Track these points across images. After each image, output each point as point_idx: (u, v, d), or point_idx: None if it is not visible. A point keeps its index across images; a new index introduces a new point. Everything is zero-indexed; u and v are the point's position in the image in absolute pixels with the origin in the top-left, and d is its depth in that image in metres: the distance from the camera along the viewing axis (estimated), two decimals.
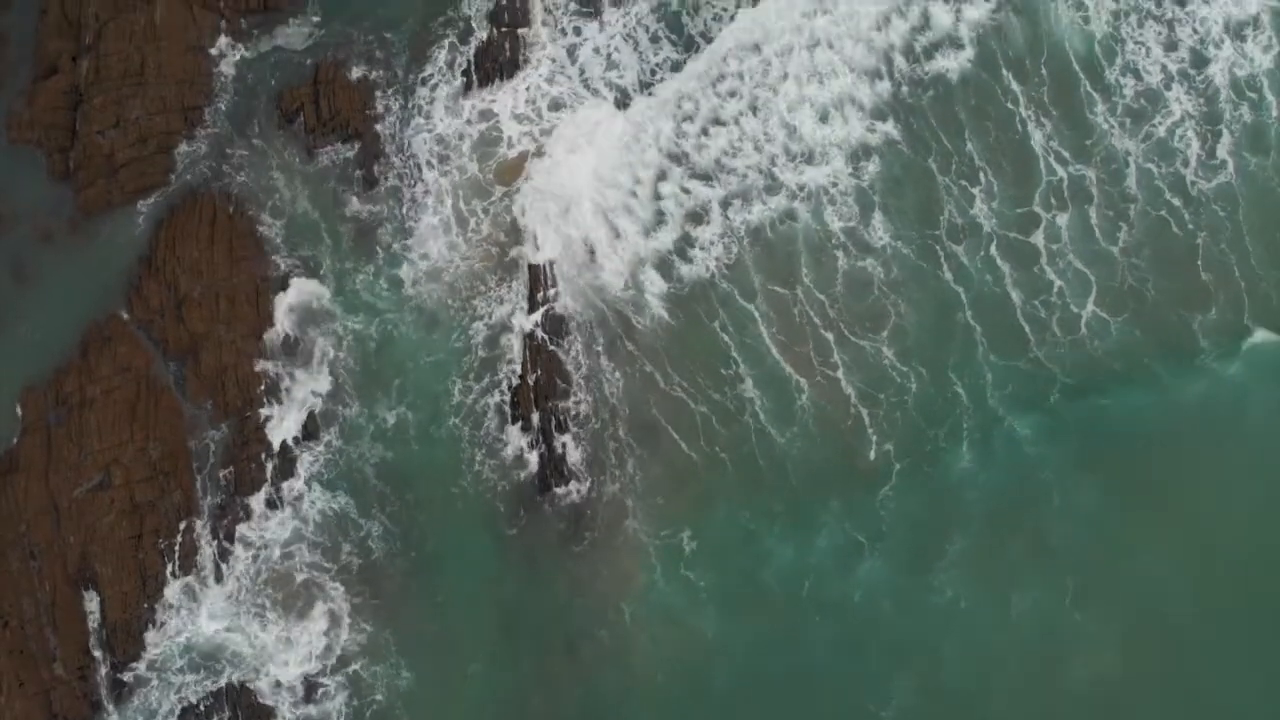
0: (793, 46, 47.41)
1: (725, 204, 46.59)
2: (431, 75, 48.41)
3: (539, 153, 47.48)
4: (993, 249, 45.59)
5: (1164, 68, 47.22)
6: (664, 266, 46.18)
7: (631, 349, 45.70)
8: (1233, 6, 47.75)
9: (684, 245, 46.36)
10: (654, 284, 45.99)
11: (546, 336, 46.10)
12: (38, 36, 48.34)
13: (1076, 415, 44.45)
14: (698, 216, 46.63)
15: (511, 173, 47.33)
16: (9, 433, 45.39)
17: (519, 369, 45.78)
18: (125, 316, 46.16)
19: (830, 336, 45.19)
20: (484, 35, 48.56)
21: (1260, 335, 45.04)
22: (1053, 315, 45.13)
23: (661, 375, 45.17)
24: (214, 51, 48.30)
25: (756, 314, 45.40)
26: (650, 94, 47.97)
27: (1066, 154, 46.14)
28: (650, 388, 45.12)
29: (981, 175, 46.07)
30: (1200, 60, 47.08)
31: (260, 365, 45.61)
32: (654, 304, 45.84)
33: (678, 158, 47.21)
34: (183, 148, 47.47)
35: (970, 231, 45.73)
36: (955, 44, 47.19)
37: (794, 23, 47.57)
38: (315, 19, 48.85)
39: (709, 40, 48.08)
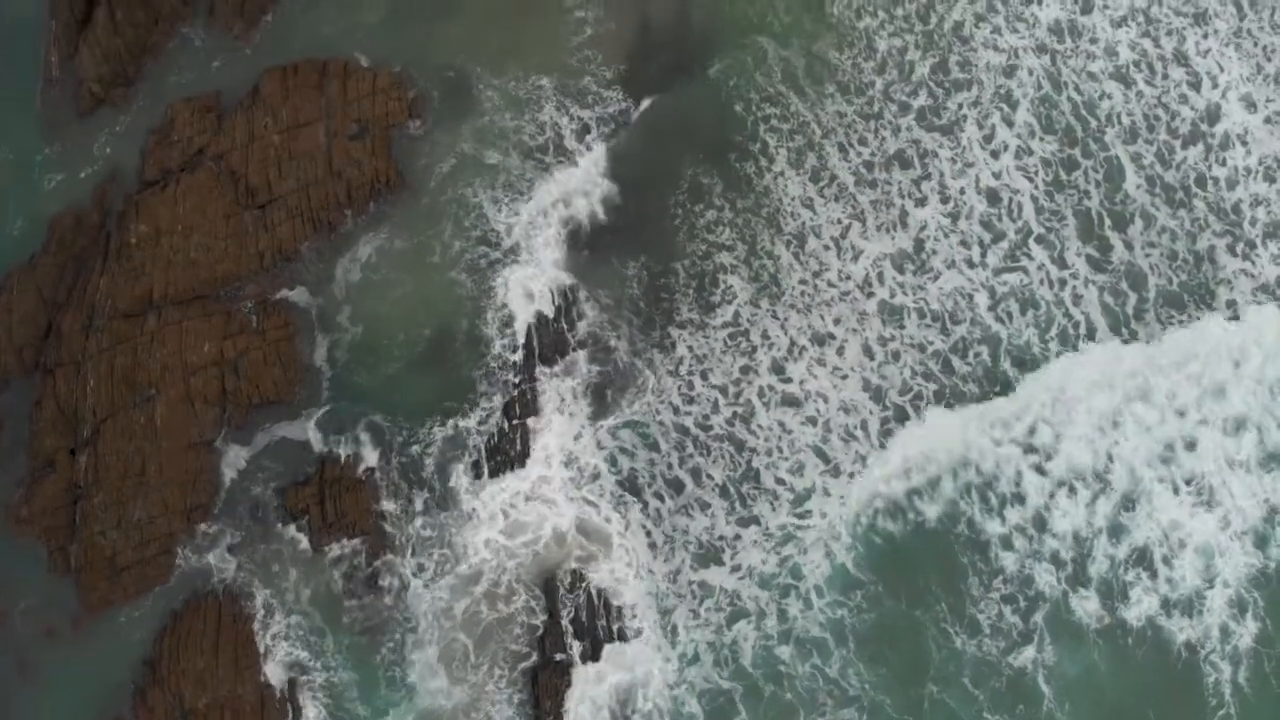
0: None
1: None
2: (440, 471, 47.12)
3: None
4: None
5: None
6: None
7: None
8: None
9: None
10: None
11: None
12: (33, 428, 46.82)
13: None
14: (721, 660, 46.33)
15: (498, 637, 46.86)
16: None
17: None
18: None
19: None
20: (495, 428, 47.21)
21: None
22: None
23: None
24: (217, 447, 46.93)
25: None
26: (645, 513, 47.60)
27: None
28: None
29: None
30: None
31: None
32: None
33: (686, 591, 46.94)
34: (186, 549, 46.45)
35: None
36: None
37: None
38: (322, 408, 47.40)
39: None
